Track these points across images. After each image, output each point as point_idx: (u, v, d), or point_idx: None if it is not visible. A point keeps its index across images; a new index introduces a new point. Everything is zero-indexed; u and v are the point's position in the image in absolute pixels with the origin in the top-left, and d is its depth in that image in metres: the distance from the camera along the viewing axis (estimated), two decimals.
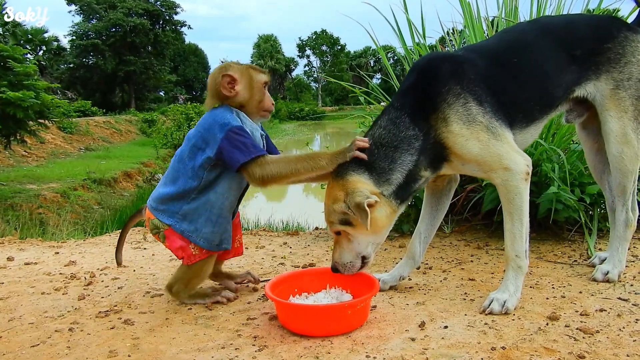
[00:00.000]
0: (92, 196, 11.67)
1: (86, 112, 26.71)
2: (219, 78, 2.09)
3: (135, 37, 43.06)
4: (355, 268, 2.05)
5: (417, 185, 2.04)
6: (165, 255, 3.09)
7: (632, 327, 1.84)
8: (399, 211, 2.04)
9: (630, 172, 2.22)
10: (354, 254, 2.04)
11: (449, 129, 1.96)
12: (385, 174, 1.96)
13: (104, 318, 2.11)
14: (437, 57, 2.17)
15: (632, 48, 2.17)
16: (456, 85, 1.97)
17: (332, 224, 2.00)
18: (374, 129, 2.05)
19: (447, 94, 1.96)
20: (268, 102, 2.18)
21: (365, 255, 2.05)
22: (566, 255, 2.74)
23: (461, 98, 1.95)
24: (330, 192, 1.99)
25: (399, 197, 2.00)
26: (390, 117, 2.02)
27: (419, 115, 1.99)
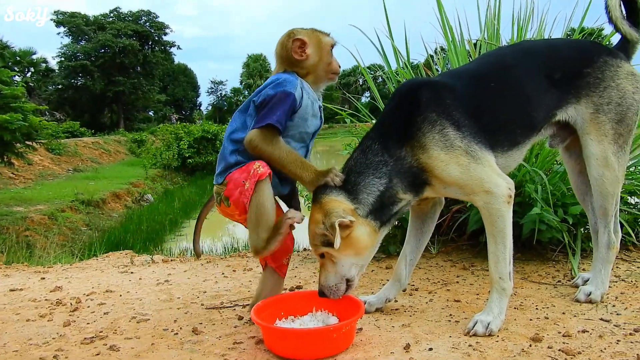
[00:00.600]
0: (80, 218, 11.58)
1: (75, 133, 26.62)
2: (289, 43, 2.15)
3: (124, 58, 43.22)
4: (340, 291, 2.07)
5: (398, 208, 2.08)
6: (152, 279, 3.09)
7: (614, 348, 1.86)
8: (380, 232, 2.08)
9: (612, 194, 2.27)
10: (339, 276, 2.05)
11: (427, 155, 2.00)
12: (355, 194, 2.02)
13: (89, 344, 2.10)
14: (414, 84, 2.20)
15: (611, 73, 2.22)
16: (432, 112, 2.01)
17: (316, 246, 2.03)
18: (349, 159, 2.12)
19: (423, 123, 2.01)
20: (335, 65, 2.23)
21: (349, 278, 2.06)
22: (550, 276, 2.77)
23: (437, 125, 2.00)
24: (312, 215, 2.04)
25: (378, 219, 2.04)
26: (362, 148, 2.10)
27: (392, 144, 2.05)
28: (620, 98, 2.21)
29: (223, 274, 3.18)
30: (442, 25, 3.76)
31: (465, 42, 3.90)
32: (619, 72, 2.23)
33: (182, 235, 10.93)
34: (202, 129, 19.62)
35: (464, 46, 3.84)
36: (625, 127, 2.22)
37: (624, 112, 2.22)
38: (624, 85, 2.22)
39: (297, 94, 2.06)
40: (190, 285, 2.94)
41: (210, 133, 19.30)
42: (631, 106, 2.23)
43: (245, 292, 2.77)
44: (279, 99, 2.02)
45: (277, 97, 2.03)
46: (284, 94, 2.03)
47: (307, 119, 2.14)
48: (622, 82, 2.22)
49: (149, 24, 48.20)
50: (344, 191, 2.02)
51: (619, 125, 2.22)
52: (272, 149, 2.00)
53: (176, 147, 18.79)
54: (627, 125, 2.23)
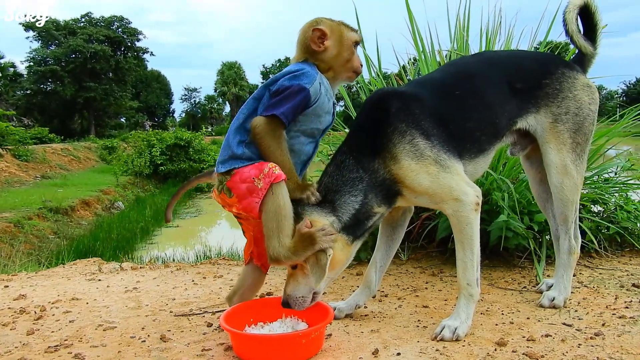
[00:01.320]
0: (48, 225, 11.32)
1: (43, 139, 26.05)
2: (309, 32, 2.07)
3: (96, 64, 42.62)
4: (306, 304, 2.06)
5: (373, 222, 2.10)
6: (120, 286, 3.04)
7: (575, 351, 1.91)
8: (354, 246, 2.10)
9: (571, 201, 2.34)
10: (307, 288, 2.04)
11: (399, 166, 2.03)
12: (333, 212, 2.02)
13: (53, 353, 2.06)
14: (383, 95, 2.22)
15: (568, 84, 2.31)
16: (401, 123, 2.04)
17: None
18: (324, 175, 2.12)
19: (393, 134, 2.03)
20: (357, 62, 2.14)
21: (317, 291, 2.06)
22: (516, 282, 2.83)
23: (407, 135, 2.02)
24: None
25: (352, 234, 2.05)
26: (336, 162, 2.10)
27: (365, 157, 2.06)
28: (577, 108, 2.29)
29: (193, 281, 3.15)
30: (413, 36, 3.84)
31: (436, 53, 3.98)
32: (575, 84, 2.31)
33: (153, 243, 10.77)
34: (175, 136, 19.44)
35: (434, 57, 3.92)
36: (582, 137, 2.31)
37: (581, 122, 2.30)
38: (580, 96, 2.30)
39: (312, 90, 1.99)
40: (159, 292, 2.91)
41: (184, 140, 19.13)
42: (587, 116, 2.31)
43: (215, 299, 2.75)
44: (292, 92, 1.96)
45: (291, 89, 1.96)
46: (299, 87, 1.96)
47: (320, 115, 2.08)
48: (579, 93, 2.30)
49: (122, 29, 47.65)
50: (320, 208, 2.02)
51: (577, 134, 2.30)
52: (269, 142, 1.94)
53: (148, 154, 18.56)
54: (584, 135, 2.31)
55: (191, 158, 18.99)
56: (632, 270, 2.97)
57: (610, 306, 2.38)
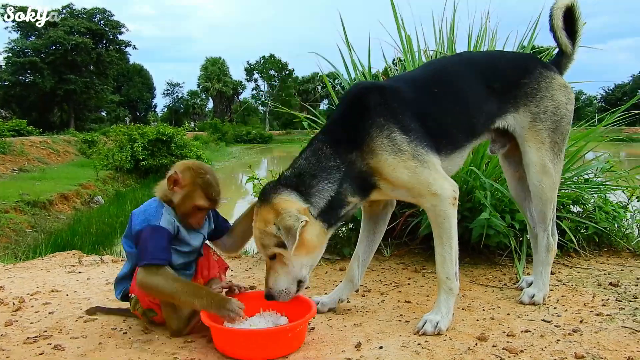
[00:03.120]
0: (25, 219, 11.11)
1: (21, 132, 25.54)
2: (172, 170, 2.13)
3: (77, 56, 41.93)
4: (291, 294, 2.07)
5: (346, 210, 2.11)
6: (101, 279, 3.01)
7: (553, 347, 1.95)
8: (328, 234, 2.10)
9: (550, 200, 2.38)
10: (290, 278, 2.05)
11: (377, 160, 2.05)
12: (307, 197, 2.03)
13: (32, 344, 2.03)
14: (364, 88, 2.24)
15: (546, 84, 2.35)
16: (380, 117, 2.06)
17: (267, 247, 2.01)
18: (298, 159, 2.12)
19: (371, 127, 2.05)
20: (194, 222, 2.16)
21: (300, 279, 2.07)
22: (497, 279, 2.87)
23: (385, 130, 2.04)
24: (261, 214, 2.02)
25: (327, 220, 2.06)
26: (313, 149, 2.10)
27: (343, 147, 2.07)
28: (555, 108, 2.34)
29: None
30: (399, 36, 3.85)
31: (422, 53, 4.01)
32: (553, 84, 2.36)
33: None
34: (157, 131, 19.20)
35: (420, 56, 3.94)
36: (560, 136, 2.35)
37: (558, 121, 2.34)
38: (558, 96, 2.35)
39: (164, 224, 2.05)
40: None
41: (166, 135, 18.91)
42: (565, 116, 2.36)
43: None
44: (147, 234, 2.02)
45: (144, 233, 2.02)
46: (151, 228, 2.02)
47: (188, 240, 2.15)
48: (556, 93, 2.35)
49: (104, 22, 46.98)
50: (295, 191, 2.03)
51: (555, 133, 2.34)
52: (157, 283, 1.97)
53: (129, 148, 18.32)
54: (562, 134, 2.36)
55: (173, 153, 18.77)
56: (609, 269, 3.03)
57: (588, 304, 2.43)
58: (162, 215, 2.06)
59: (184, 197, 2.11)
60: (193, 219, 2.14)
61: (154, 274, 1.97)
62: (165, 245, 2.02)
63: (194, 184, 2.11)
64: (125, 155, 18.01)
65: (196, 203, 2.11)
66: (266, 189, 2.07)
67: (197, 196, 2.11)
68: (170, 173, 2.11)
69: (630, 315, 2.28)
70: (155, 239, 2.00)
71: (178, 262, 2.14)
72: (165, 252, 2.01)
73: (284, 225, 1.93)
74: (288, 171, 2.12)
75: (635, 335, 2.05)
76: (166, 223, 2.05)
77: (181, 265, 2.17)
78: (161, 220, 2.04)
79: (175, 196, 2.11)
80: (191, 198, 2.11)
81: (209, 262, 2.31)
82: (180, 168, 2.13)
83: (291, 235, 1.92)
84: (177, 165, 2.17)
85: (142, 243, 2.01)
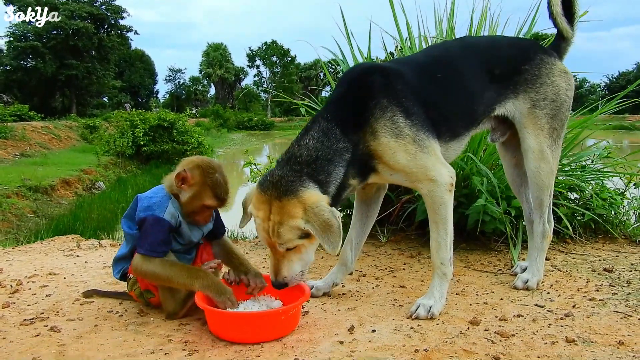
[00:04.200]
0: (27, 204, 11.15)
1: (23, 117, 25.55)
2: (181, 168, 2.10)
3: (78, 41, 41.71)
4: (304, 276, 2.06)
5: (345, 194, 2.11)
6: (98, 262, 3.03)
7: (545, 331, 1.97)
8: None
9: (547, 186, 2.38)
10: (304, 264, 2.03)
11: (378, 142, 2.03)
12: (324, 186, 1.99)
13: (28, 325, 2.05)
14: (366, 69, 2.22)
15: (547, 70, 2.33)
16: (384, 98, 2.03)
17: (288, 240, 1.93)
18: (305, 139, 2.04)
19: (375, 108, 2.02)
20: (200, 219, 2.15)
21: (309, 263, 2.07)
22: (492, 265, 2.88)
23: (388, 111, 2.02)
24: (281, 210, 1.91)
25: (332, 204, 2.03)
26: (321, 128, 2.03)
27: (349, 128, 2.04)
28: (555, 94, 2.33)
29: None
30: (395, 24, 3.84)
31: (422, 40, 3.99)
32: (553, 70, 2.34)
33: None
34: (159, 117, 19.17)
35: (421, 43, 3.92)
36: (559, 122, 2.34)
37: (558, 108, 2.34)
38: (558, 82, 2.34)
39: (168, 216, 2.04)
40: None
41: (167, 121, 18.89)
42: (564, 102, 2.35)
43: None
44: (149, 225, 2.02)
45: (147, 222, 2.03)
46: (154, 219, 2.02)
47: (189, 235, 2.16)
48: (556, 79, 2.34)
49: (105, 6, 46.64)
50: (314, 182, 1.96)
51: (554, 120, 2.33)
52: (153, 268, 1.98)
53: (131, 134, 18.31)
54: (561, 120, 2.35)
55: (174, 140, 18.77)
56: (604, 255, 3.04)
57: (581, 289, 2.45)
58: (167, 207, 2.06)
59: (192, 197, 2.09)
60: (200, 217, 2.14)
61: (150, 261, 1.99)
62: (164, 239, 2.03)
63: (203, 183, 2.08)
64: (127, 141, 18.01)
65: (205, 203, 2.09)
66: (285, 178, 1.94)
67: (206, 196, 2.08)
68: (179, 170, 2.08)
69: (622, 300, 2.29)
70: (156, 231, 2.01)
71: (177, 248, 2.16)
72: (163, 245, 2.02)
73: (322, 221, 1.87)
74: (301, 153, 2.00)
75: (627, 320, 2.07)
76: (169, 216, 2.05)
77: (182, 249, 2.19)
78: (165, 212, 2.04)
79: (183, 194, 2.10)
80: (200, 198, 2.08)
81: (209, 248, 2.32)
82: (189, 166, 2.09)
83: (332, 232, 1.86)
84: (186, 162, 2.13)
85: (143, 232, 2.03)
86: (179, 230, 2.11)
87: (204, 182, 2.07)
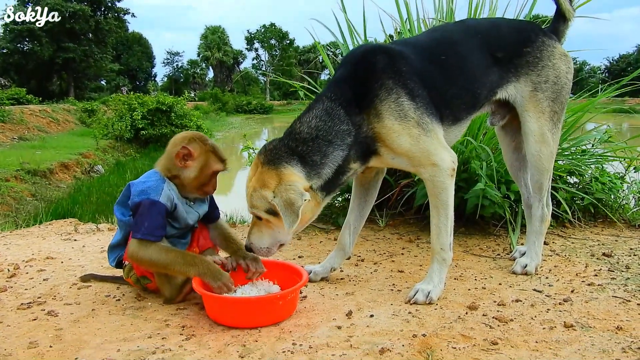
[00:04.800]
0: (26, 187, 11.13)
1: (20, 100, 25.40)
2: (178, 146, 2.09)
3: (75, 24, 41.27)
4: (270, 254, 2.08)
5: (345, 178, 2.08)
6: (96, 247, 3.02)
7: (543, 316, 1.96)
8: (323, 203, 2.08)
9: (547, 170, 2.37)
10: (273, 241, 2.04)
11: (382, 124, 2.00)
12: (317, 168, 1.97)
13: (26, 310, 2.05)
14: (371, 49, 2.18)
15: (548, 53, 2.31)
16: (388, 79, 2.00)
17: (256, 208, 1.97)
18: (307, 116, 2.03)
19: (380, 89, 1.99)
20: (210, 188, 2.17)
21: (282, 243, 2.08)
22: (490, 249, 2.88)
23: (393, 93, 1.99)
24: (260, 176, 1.95)
25: (325, 190, 2.03)
26: (325, 108, 2.01)
27: (353, 109, 2.01)
28: (556, 77, 2.30)
29: None
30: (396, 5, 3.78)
31: (421, 21, 3.94)
32: (554, 53, 2.32)
33: None
34: (157, 101, 19.06)
35: (420, 25, 3.87)
36: (559, 105, 2.32)
37: (558, 91, 2.31)
38: (559, 65, 2.31)
39: (163, 199, 2.02)
40: None
41: (165, 105, 18.79)
42: (565, 85, 2.33)
43: None
44: (144, 209, 2.00)
45: (142, 206, 2.00)
46: (149, 202, 2.00)
47: (185, 217, 2.14)
48: (557, 62, 2.31)
49: None
50: (303, 164, 1.96)
51: (555, 103, 2.31)
52: (149, 255, 1.96)
53: (129, 118, 18.22)
54: (561, 104, 2.33)
55: (173, 123, 18.68)
56: (603, 240, 3.04)
57: (580, 274, 2.44)
58: (163, 190, 2.04)
59: (201, 168, 2.10)
60: (210, 186, 2.16)
61: (146, 247, 1.97)
62: (161, 223, 2.01)
63: (206, 151, 2.11)
64: (125, 124, 17.94)
65: (214, 168, 2.13)
66: (277, 149, 1.98)
67: (213, 161, 2.12)
68: (177, 149, 2.07)
69: (621, 285, 2.29)
70: (152, 215, 1.99)
71: (172, 232, 2.14)
72: (160, 229, 2.01)
73: (286, 198, 1.88)
74: (301, 130, 2.00)
75: (625, 305, 2.06)
76: (165, 199, 2.03)
77: (177, 233, 2.17)
78: (161, 195, 2.03)
79: (188, 170, 2.09)
80: (208, 165, 2.11)
81: (205, 232, 2.31)
82: (185, 142, 2.09)
83: (292, 211, 1.87)
84: (179, 139, 2.12)
85: (139, 216, 2.00)
86: (174, 214, 2.09)
87: (206, 150, 2.11)
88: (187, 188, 2.13)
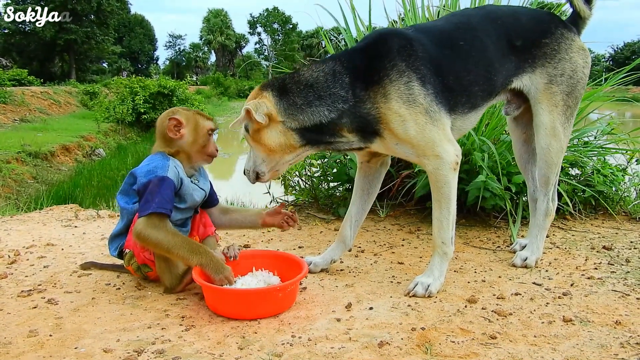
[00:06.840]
0: (27, 170, 11.14)
1: (22, 82, 25.32)
2: (165, 121, 2.14)
3: (76, 5, 40.97)
4: (251, 178, 2.15)
5: (335, 140, 2.08)
6: (96, 234, 3.02)
7: (543, 310, 1.97)
8: (302, 149, 2.09)
9: (555, 164, 2.35)
10: (252, 161, 2.12)
11: (388, 106, 1.98)
12: (294, 110, 2.01)
13: (26, 297, 2.05)
14: (390, 32, 2.18)
15: (566, 45, 2.28)
16: (402, 62, 1.98)
17: (239, 122, 2.06)
18: (315, 67, 2.06)
19: (392, 70, 1.97)
20: (212, 148, 2.21)
21: (258, 172, 2.12)
22: (491, 242, 2.88)
23: (404, 76, 1.97)
24: (252, 93, 2.10)
25: (304, 138, 2.05)
26: (333, 68, 2.03)
27: (359, 82, 2.01)
28: (572, 71, 2.27)
29: None
30: None
31: (425, 9, 3.89)
32: (572, 46, 2.28)
33: None
34: (159, 84, 18.98)
35: (424, 13, 3.83)
36: (573, 100, 2.30)
37: (574, 85, 2.28)
38: (576, 59, 2.28)
39: (171, 175, 2.04)
40: None
41: (167, 89, 18.72)
42: (580, 80, 2.30)
43: None
44: (154, 185, 2.00)
45: (152, 183, 2.00)
46: (158, 178, 2.01)
47: (191, 194, 2.15)
48: (574, 56, 2.28)
49: None
50: (283, 99, 2.01)
51: (569, 97, 2.28)
52: (156, 235, 1.94)
53: (131, 101, 18.16)
54: (575, 98, 2.31)
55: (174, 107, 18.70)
56: (604, 233, 3.04)
57: (580, 267, 2.44)
58: (169, 166, 2.06)
59: (194, 129, 2.16)
60: (211, 145, 2.21)
61: (154, 226, 1.95)
62: (171, 197, 2.02)
63: (192, 114, 2.20)
64: (127, 108, 17.88)
65: (207, 126, 2.19)
66: (275, 81, 2.07)
67: (202, 121, 2.20)
68: (166, 124, 2.13)
69: (621, 278, 2.29)
70: (163, 189, 2.00)
71: (176, 219, 2.14)
72: (170, 203, 2.02)
73: (246, 108, 1.99)
74: (303, 75, 2.06)
75: (625, 299, 2.06)
76: (172, 174, 2.05)
77: (179, 221, 2.17)
78: (168, 171, 2.04)
79: (185, 138, 2.15)
80: (200, 125, 2.18)
81: (205, 219, 2.31)
82: (170, 114, 2.16)
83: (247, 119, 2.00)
84: (163, 116, 2.19)
85: (148, 194, 1.99)
86: (180, 192, 2.10)
87: (193, 113, 2.21)
88: (192, 157, 2.18)
